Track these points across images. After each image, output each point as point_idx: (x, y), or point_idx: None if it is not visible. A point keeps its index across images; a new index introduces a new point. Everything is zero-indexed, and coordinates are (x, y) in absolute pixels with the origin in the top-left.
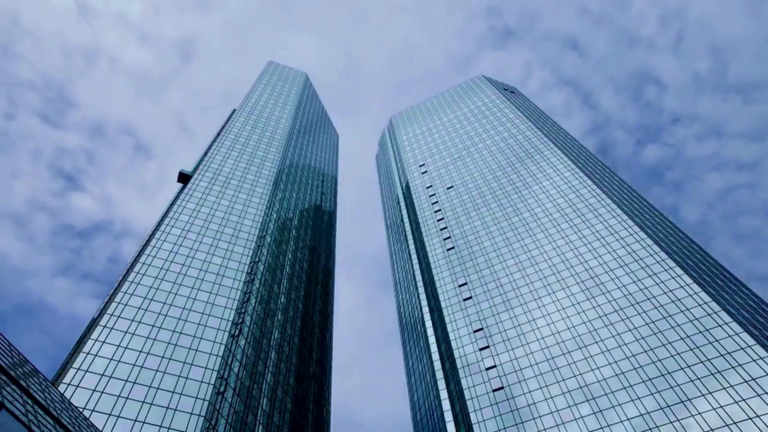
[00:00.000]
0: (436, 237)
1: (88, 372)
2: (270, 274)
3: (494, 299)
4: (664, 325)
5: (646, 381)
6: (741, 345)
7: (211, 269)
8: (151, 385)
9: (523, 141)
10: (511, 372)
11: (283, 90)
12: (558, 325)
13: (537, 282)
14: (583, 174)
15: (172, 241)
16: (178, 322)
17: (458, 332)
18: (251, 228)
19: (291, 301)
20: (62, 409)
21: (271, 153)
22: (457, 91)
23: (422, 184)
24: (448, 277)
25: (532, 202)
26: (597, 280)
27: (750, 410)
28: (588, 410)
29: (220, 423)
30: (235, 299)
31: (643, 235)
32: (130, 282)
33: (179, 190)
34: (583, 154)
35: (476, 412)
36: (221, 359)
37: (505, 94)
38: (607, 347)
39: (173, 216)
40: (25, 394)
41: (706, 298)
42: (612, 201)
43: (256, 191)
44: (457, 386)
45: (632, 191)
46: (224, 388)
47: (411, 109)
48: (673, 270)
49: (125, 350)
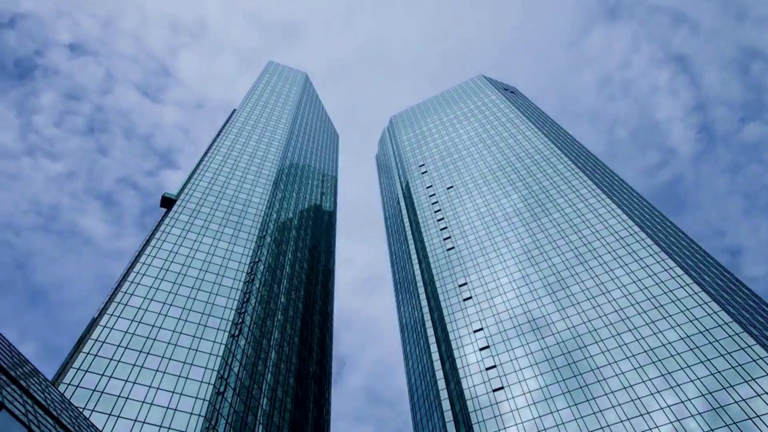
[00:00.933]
0: (436, 237)
1: (88, 372)
2: (270, 274)
3: (494, 299)
4: (664, 325)
5: (646, 381)
6: (741, 345)
7: (211, 269)
8: (151, 385)
9: (523, 141)
10: (511, 372)
11: (283, 90)
12: (558, 325)
13: (537, 282)
14: (582, 174)
15: (172, 241)
16: (178, 322)
17: (458, 332)
18: (251, 228)
19: (291, 301)
20: (62, 409)
21: (271, 153)
22: (457, 91)
23: (422, 184)
24: (448, 277)
25: (532, 201)
26: (597, 280)
27: (750, 410)
28: (588, 410)
29: (220, 423)
30: (235, 299)
31: (643, 235)
32: (130, 282)
33: (179, 190)
34: (582, 155)
35: (476, 412)
36: (221, 359)
37: (505, 94)
38: (607, 347)
39: (173, 216)
40: (25, 394)
41: (706, 298)
42: (612, 201)
43: (256, 191)
44: (457, 386)
45: (632, 191)
46: (224, 388)
47: (411, 109)
48: (673, 270)
49: (125, 350)
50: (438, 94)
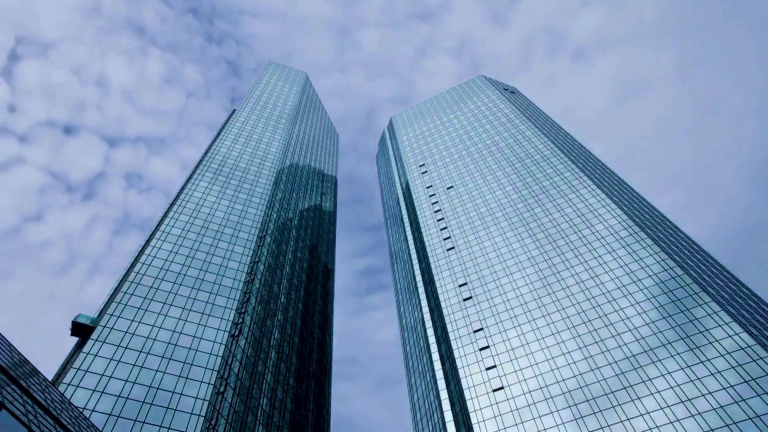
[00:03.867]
0: (436, 237)
1: (88, 372)
2: (270, 274)
3: (494, 299)
4: (663, 325)
5: (646, 381)
6: (741, 345)
7: (211, 269)
8: (151, 385)
9: (522, 141)
10: (511, 372)
11: (284, 90)
12: (558, 325)
13: (537, 282)
14: (583, 174)
15: (172, 241)
16: (178, 322)
17: (458, 332)
18: (251, 228)
19: (291, 301)
20: (62, 409)
21: (271, 153)
22: (457, 91)
23: (422, 184)
24: (448, 277)
25: (532, 201)
26: (597, 280)
27: (750, 410)
28: (588, 410)
29: (220, 423)
30: (235, 299)
31: (643, 235)
32: (130, 282)
33: (179, 190)
34: (582, 155)
35: (476, 412)
36: (221, 359)
37: (505, 94)
38: (608, 347)
39: (173, 216)
40: (25, 394)
41: (706, 298)
42: (612, 201)
43: (256, 191)
44: (457, 386)
45: (632, 191)
46: (224, 388)
47: (411, 109)
48: (673, 270)
49: (125, 350)
50: (438, 94)
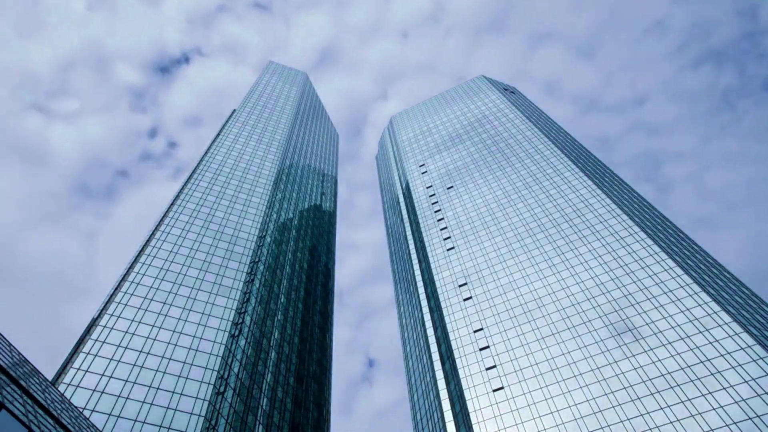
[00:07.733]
0: (436, 237)
1: (88, 372)
2: (270, 274)
3: (494, 299)
4: (663, 325)
5: (646, 381)
6: (741, 345)
7: (211, 269)
8: (151, 385)
9: (522, 141)
10: (511, 372)
11: (283, 90)
12: (558, 325)
13: (537, 282)
14: (582, 174)
15: (172, 241)
16: (178, 322)
17: (458, 332)
18: (251, 228)
19: (291, 301)
20: (62, 409)
21: (271, 153)
22: (457, 90)
23: (422, 184)
24: (448, 277)
25: (532, 202)
26: (597, 280)
27: (750, 410)
28: (588, 410)
29: (220, 423)
30: (235, 299)
31: (643, 235)
32: (130, 282)
33: (178, 191)
34: (583, 154)
35: (476, 412)
36: (221, 359)
37: (504, 94)
38: (608, 347)
39: (173, 216)
40: (25, 394)
41: (706, 298)
42: (612, 201)
43: (256, 191)
44: (457, 386)
45: (632, 191)
46: (224, 388)
47: (411, 109)
48: (673, 270)
49: (125, 350)
50: (438, 94)
